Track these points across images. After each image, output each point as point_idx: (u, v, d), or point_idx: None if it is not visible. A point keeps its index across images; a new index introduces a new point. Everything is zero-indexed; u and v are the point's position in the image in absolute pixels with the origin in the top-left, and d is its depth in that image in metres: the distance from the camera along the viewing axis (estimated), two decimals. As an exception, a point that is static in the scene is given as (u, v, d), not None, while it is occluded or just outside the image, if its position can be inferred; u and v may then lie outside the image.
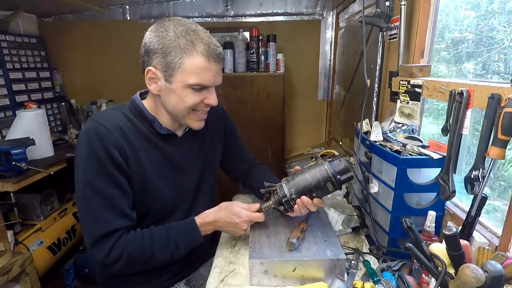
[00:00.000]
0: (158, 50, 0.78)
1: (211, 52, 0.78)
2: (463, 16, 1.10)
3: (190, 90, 0.80)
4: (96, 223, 0.79)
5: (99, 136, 0.79)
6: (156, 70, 0.80)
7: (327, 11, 2.45)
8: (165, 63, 0.78)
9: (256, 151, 1.44)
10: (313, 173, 0.85)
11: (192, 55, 0.77)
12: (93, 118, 0.83)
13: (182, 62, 0.77)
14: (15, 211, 1.60)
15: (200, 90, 0.82)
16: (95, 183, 0.79)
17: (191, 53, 0.77)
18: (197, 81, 0.79)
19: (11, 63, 2.11)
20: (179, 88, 0.80)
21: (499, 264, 0.57)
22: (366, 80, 1.12)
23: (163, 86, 0.81)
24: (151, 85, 0.83)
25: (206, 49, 0.78)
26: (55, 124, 2.47)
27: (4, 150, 1.43)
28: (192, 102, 0.82)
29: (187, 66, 0.77)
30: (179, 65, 0.77)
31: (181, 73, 0.78)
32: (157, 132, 0.89)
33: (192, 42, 0.77)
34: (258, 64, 2.16)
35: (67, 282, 1.91)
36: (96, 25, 2.55)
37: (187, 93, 0.80)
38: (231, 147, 1.14)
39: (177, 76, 0.78)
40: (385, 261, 0.89)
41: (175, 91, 0.80)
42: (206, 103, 0.84)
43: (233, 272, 0.87)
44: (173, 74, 0.78)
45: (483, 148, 0.69)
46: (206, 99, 0.84)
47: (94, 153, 0.78)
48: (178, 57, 0.77)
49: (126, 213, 0.82)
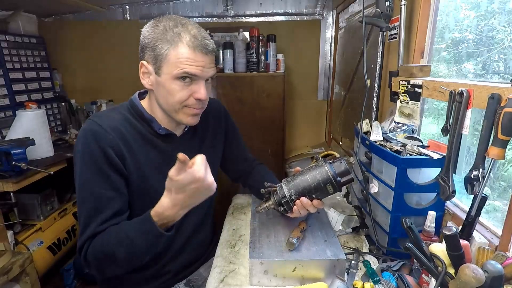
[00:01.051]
0: (149, 44, 0.79)
1: (198, 43, 0.78)
2: (463, 16, 1.10)
3: (178, 83, 0.80)
4: (86, 226, 0.79)
5: (96, 136, 0.79)
6: (147, 64, 0.81)
7: (327, 11, 2.45)
8: (154, 56, 0.79)
9: (256, 151, 1.45)
10: (313, 174, 0.85)
11: (177, 46, 0.77)
12: (90, 119, 0.83)
13: (168, 53, 0.78)
14: (15, 211, 1.60)
15: (189, 84, 0.81)
16: (90, 184, 0.79)
17: (176, 44, 0.77)
18: (181, 71, 0.78)
19: (11, 63, 2.11)
20: (167, 80, 0.80)
21: (499, 264, 0.57)
22: (366, 80, 1.12)
23: (154, 79, 0.82)
24: (144, 79, 0.84)
25: (192, 40, 0.78)
26: (55, 124, 2.46)
27: (4, 150, 1.43)
28: (180, 95, 0.81)
29: (172, 56, 0.78)
30: (165, 56, 0.78)
31: (166, 64, 0.79)
32: (155, 132, 0.89)
33: (178, 34, 0.78)
34: (258, 64, 2.16)
35: (67, 282, 1.91)
36: (96, 25, 2.55)
37: (175, 86, 0.80)
38: (232, 147, 1.14)
39: (164, 68, 0.79)
40: (385, 261, 0.89)
41: (164, 84, 0.81)
42: (194, 97, 0.83)
43: (233, 272, 0.87)
44: (161, 66, 0.79)
45: (483, 148, 0.69)
46: (195, 93, 0.82)
47: (90, 153, 0.78)
48: (164, 49, 0.78)
49: (115, 217, 0.81)
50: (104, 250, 0.77)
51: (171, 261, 0.97)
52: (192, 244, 1.02)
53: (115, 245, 0.76)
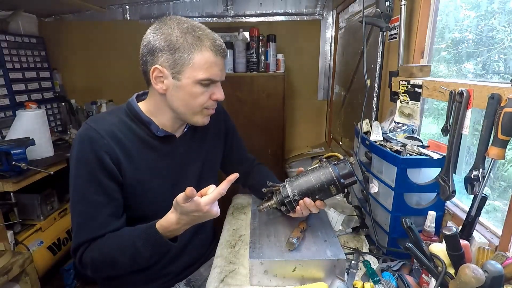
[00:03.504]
0: (165, 48, 0.78)
1: (218, 47, 0.80)
2: (463, 16, 1.10)
3: (199, 86, 0.81)
4: (79, 230, 0.80)
5: (91, 141, 0.79)
6: (162, 68, 0.79)
7: (327, 11, 2.45)
8: (173, 60, 0.78)
9: (256, 151, 1.45)
10: (317, 175, 0.85)
11: (201, 50, 0.78)
12: (86, 123, 0.83)
13: (192, 57, 0.78)
14: (15, 211, 1.60)
15: (208, 86, 0.83)
16: (82, 190, 0.80)
17: (200, 48, 0.78)
18: (206, 75, 0.80)
19: (11, 63, 2.11)
20: (189, 84, 0.80)
21: (499, 264, 0.57)
22: (366, 80, 1.12)
23: (170, 84, 0.81)
24: (157, 84, 0.82)
25: (213, 43, 0.79)
26: (55, 124, 2.47)
27: (4, 150, 1.43)
28: (202, 99, 0.83)
29: (197, 61, 0.78)
30: (188, 61, 0.78)
31: (191, 69, 0.79)
32: (154, 135, 0.88)
33: (199, 38, 0.78)
34: (258, 64, 2.16)
35: (67, 282, 1.91)
36: (96, 25, 2.55)
37: (196, 90, 0.81)
38: (231, 148, 1.14)
39: (186, 72, 0.79)
40: (385, 261, 0.89)
41: (184, 88, 0.81)
42: (213, 98, 0.85)
43: (233, 272, 0.87)
44: (182, 70, 0.79)
45: (483, 148, 0.69)
46: (214, 94, 0.85)
47: (84, 158, 0.79)
48: (187, 53, 0.77)
49: (109, 221, 0.81)
50: (105, 256, 0.79)
51: (172, 262, 0.97)
52: (193, 245, 1.02)
53: (117, 252, 0.79)
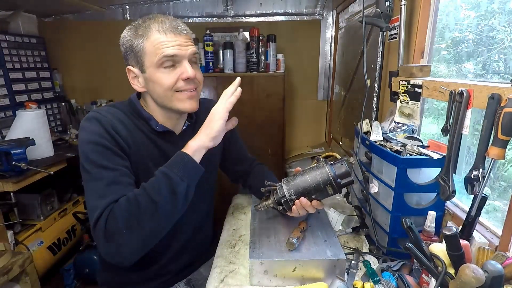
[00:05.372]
0: (128, 48, 0.83)
1: (166, 26, 0.80)
2: (463, 16, 1.10)
3: (162, 70, 0.81)
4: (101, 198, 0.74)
5: (99, 120, 0.80)
6: (133, 68, 0.84)
7: (327, 11, 2.45)
8: (135, 56, 0.82)
9: (256, 151, 1.45)
10: (314, 175, 0.85)
11: (149, 36, 0.80)
12: (93, 110, 0.85)
13: (143, 46, 0.80)
14: (15, 211, 1.60)
15: (174, 68, 0.82)
16: (99, 161, 0.76)
17: (147, 35, 0.80)
18: (160, 56, 0.79)
19: (11, 63, 2.11)
20: (152, 72, 0.81)
21: (499, 264, 0.57)
22: (366, 80, 1.12)
23: (142, 80, 0.84)
24: (135, 84, 0.86)
25: (160, 25, 0.80)
26: (55, 124, 2.47)
27: (4, 150, 1.43)
28: (168, 81, 0.82)
29: (147, 46, 0.80)
30: (142, 50, 0.80)
31: (148, 56, 0.80)
32: (154, 130, 0.89)
33: (147, 27, 0.80)
34: (258, 64, 2.16)
35: (67, 282, 1.91)
36: (96, 25, 2.55)
37: (160, 74, 0.81)
38: (231, 148, 1.14)
39: (146, 62, 0.81)
40: (385, 261, 0.89)
41: (152, 77, 0.82)
42: (182, 78, 0.82)
43: (233, 272, 0.87)
44: (142, 62, 0.81)
45: (483, 148, 0.69)
46: (182, 74, 0.82)
47: (96, 132, 0.78)
48: (140, 44, 0.80)
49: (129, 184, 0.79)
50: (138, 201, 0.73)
51: (172, 261, 0.97)
52: (193, 244, 1.02)
53: (151, 191, 0.74)
